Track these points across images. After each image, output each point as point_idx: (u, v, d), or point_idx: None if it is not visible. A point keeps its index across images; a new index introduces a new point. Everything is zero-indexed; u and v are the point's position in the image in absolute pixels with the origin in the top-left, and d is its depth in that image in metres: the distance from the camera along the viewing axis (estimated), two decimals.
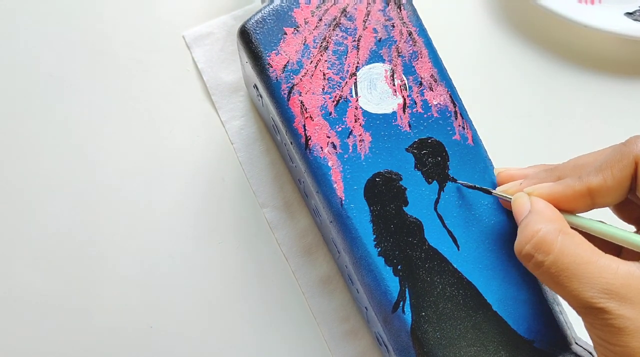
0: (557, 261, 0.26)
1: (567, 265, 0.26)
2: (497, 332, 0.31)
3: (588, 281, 0.25)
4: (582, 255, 0.26)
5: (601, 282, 0.25)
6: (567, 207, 0.29)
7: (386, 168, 0.33)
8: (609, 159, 0.27)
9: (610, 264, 0.25)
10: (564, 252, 0.26)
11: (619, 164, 0.27)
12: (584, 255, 0.26)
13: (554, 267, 0.26)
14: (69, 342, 0.40)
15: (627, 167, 0.27)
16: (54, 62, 0.42)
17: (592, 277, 0.25)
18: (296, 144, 0.33)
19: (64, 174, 0.41)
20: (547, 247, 0.26)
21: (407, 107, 0.34)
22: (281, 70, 0.33)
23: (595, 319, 0.25)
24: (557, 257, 0.26)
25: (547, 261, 0.26)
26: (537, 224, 0.27)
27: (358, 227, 0.32)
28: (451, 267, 0.32)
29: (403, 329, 0.31)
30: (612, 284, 0.25)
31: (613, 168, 0.27)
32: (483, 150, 0.34)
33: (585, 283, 0.25)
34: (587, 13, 0.42)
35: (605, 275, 0.25)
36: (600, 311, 0.25)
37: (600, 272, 0.25)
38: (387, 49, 0.34)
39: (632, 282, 0.25)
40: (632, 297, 0.24)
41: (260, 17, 0.34)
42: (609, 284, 0.25)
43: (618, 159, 0.27)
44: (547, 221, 0.27)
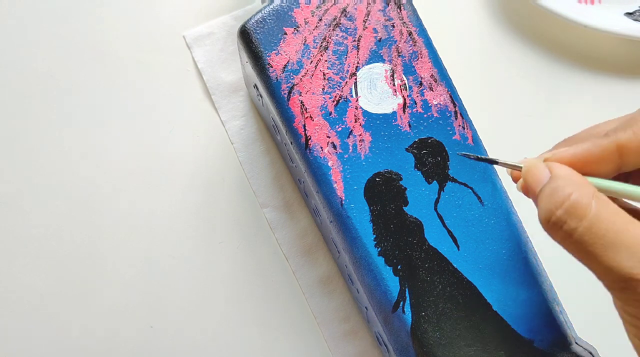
0: (592, 226, 0.23)
1: (604, 232, 0.23)
2: (497, 332, 0.31)
3: (627, 249, 0.22)
4: (619, 222, 0.23)
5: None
6: (592, 169, 0.26)
7: (386, 168, 0.33)
8: (636, 115, 0.25)
9: None
10: (600, 217, 0.23)
11: None
12: (621, 222, 0.23)
13: (588, 234, 0.23)
14: (69, 342, 0.40)
15: None
16: (54, 62, 0.42)
17: (631, 245, 0.22)
18: (296, 144, 0.33)
19: (64, 174, 0.41)
20: (581, 211, 0.23)
21: (407, 107, 0.34)
22: (281, 70, 0.33)
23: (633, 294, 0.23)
24: (593, 222, 0.23)
25: (581, 227, 0.23)
26: (567, 187, 0.24)
27: (358, 227, 0.32)
28: (451, 267, 0.32)
29: (403, 329, 0.31)
30: None
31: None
32: (483, 151, 0.34)
33: (623, 252, 0.22)
34: (587, 13, 0.42)
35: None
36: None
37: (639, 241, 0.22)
38: (387, 49, 0.34)
39: None
40: None
41: (260, 17, 0.34)
42: None
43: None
44: (577, 185, 0.24)
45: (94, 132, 0.42)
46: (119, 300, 0.40)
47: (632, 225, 0.23)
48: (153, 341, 0.40)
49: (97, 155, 0.42)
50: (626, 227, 0.23)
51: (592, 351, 0.32)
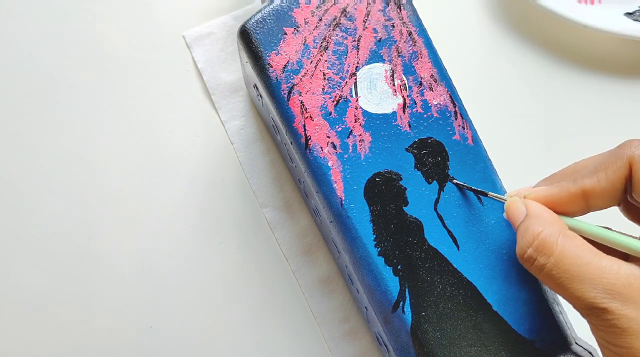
0: (558, 262, 0.26)
1: (569, 266, 0.26)
2: (497, 332, 0.31)
3: (590, 281, 0.25)
4: (583, 256, 0.26)
5: (603, 282, 0.25)
6: (562, 210, 0.29)
7: (386, 168, 0.33)
8: (603, 161, 0.28)
9: (611, 264, 0.25)
10: (564, 253, 0.26)
11: (612, 166, 0.27)
12: (585, 256, 0.26)
13: (556, 269, 0.26)
14: (69, 342, 0.40)
15: (620, 168, 0.27)
16: (53, 62, 0.42)
17: (593, 277, 0.25)
18: (296, 144, 0.33)
19: (64, 174, 0.41)
20: (548, 249, 0.26)
21: (407, 107, 0.34)
22: (281, 70, 0.33)
23: (599, 320, 0.25)
24: (558, 258, 0.26)
25: (549, 263, 0.26)
26: (537, 226, 0.27)
27: (358, 227, 0.32)
28: (451, 267, 0.32)
29: (403, 329, 0.31)
30: (614, 284, 0.25)
31: (607, 170, 0.27)
32: (483, 150, 0.34)
33: (587, 284, 0.25)
34: (587, 13, 0.42)
35: (607, 275, 0.25)
36: (603, 311, 0.25)
37: (602, 273, 0.25)
38: (387, 49, 0.34)
39: (634, 282, 0.25)
40: (635, 297, 0.24)
41: (260, 17, 0.34)
42: (610, 284, 0.25)
43: (612, 161, 0.27)
44: (546, 223, 0.27)
45: (94, 131, 0.42)
46: (118, 300, 0.40)
47: (595, 257, 0.25)
48: (153, 341, 0.40)
49: (97, 155, 0.42)
50: (590, 261, 0.25)
51: (592, 351, 0.32)
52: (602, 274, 0.25)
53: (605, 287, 0.25)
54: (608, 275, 0.25)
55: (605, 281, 0.25)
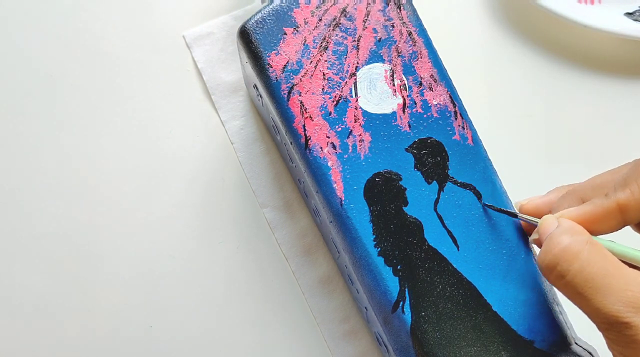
0: (582, 270, 0.25)
1: (593, 275, 0.25)
2: (497, 332, 0.31)
3: (614, 293, 0.24)
4: (609, 267, 0.25)
5: (628, 295, 0.24)
6: (599, 228, 0.28)
7: (386, 168, 0.33)
8: (632, 172, 0.27)
9: (637, 277, 0.24)
10: (590, 261, 0.25)
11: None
12: (610, 267, 0.25)
13: (579, 277, 0.25)
14: (69, 342, 0.40)
15: None
16: (53, 62, 0.42)
17: (618, 289, 0.24)
18: (296, 144, 0.33)
19: (64, 174, 0.41)
20: (572, 255, 0.25)
21: (407, 107, 0.34)
22: (281, 70, 0.33)
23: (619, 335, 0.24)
24: (583, 266, 0.25)
25: (572, 270, 0.25)
26: (562, 235, 0.26)
27: (358, 227, 0.32)
28: (451, 267, 0.32)
29: (403, 329, 0.31)
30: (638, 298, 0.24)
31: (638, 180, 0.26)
32: (483, 150, 0.34)
33: (610, 295, 0.24)
34: (587, 13, 0.42)
35: (633, 288, 0.24)
36: (626, 325, 0.24)
37: (627, 285, 0.24)
38: (387, 49, 0.34)
39: None
40: None
41: (260, 17, 0.34)
42: (635, 297, 0.24)
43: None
44: (573, 232, 0.27)
45: (94, 131, 0.42)
46: (118, 300, 0.40)
47: (621, 270, 0.25)
48: (152, 340, 0.40)
49: (97, 155, 0.42)
50: (615, 272, 0.25)
51: (592, 351, 0.32)
52: (627, 286, 0.24)
53: (630, 299, 0.24)
54: (633, 287, 0.24)
55: (630, 294, 0.24)
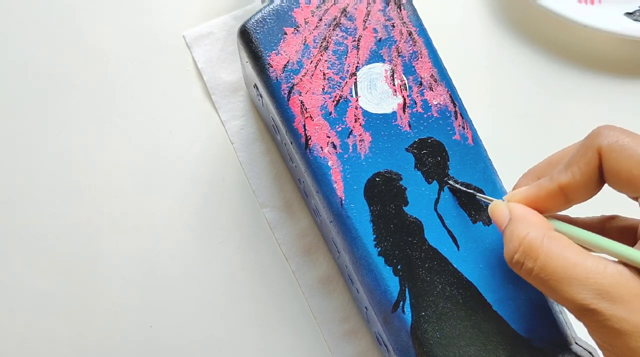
0: (545, 265, 0.25)
1: (555, 268, 0.25)
2: (496, 331, 0.31)
3: (578, 282, 0.25)
4: (569, 257, 0.25)
5: (590, 283, 0.24)
6: (545, 208, 0.28)
7: (386, 168, 0.33)
8: (575, 154, 0.27)
9: (597, 264, 0.25)
10: (550, 256, 0.26)
11: (584, 158, 0.27)
12: (571, 257, 0.25)
13: (543, 272, 0.26)
14: (69, 342, 0.40)
15: (592, 159, 0.27)
16: (53, 62, 0.42)
17: (580, 278, 0.25)
18: (296, 144, 0.33)
19: (64, 174, 0.41)
20: (534, 252, 0.26)
21: (407, 107, 0.34)
22: (281, 70, 0.33)
23: (592, 322, 0.25)
24: (545, 261, 0.26)
25: (536, 266, 0.26)
26: (522, 230, 0.27)
27: (358, 227, 0.32)
28: (451, 267, 0.32)
29: (403, 329, 0.31)
30: (601, 284, 0.24)
31: (579, 163, 0.27)
32: (483, 150, 0.34)
33: (575, 285, 0.25)
34: (587, 13, 0.42)
35: (594, 275, 0.25)
36: (594, 312, 0.24)
37: (588, 273, 0.25)
38: (387, 49, 0.34)
39: (621, 281, 0.24)
40: (623, 296, 0.24)
41: (260, 17, 0.34)
42: (598, 284, 0.24)
43: (583, 153, 0.27)
44: (531, 226, 0.27)
45: (94, 132, 0.42)
46: (118, 300, 0.40)
47: (581, 258, 0.25)
48: (152, 340, 0.40)
49: (97, 155, 0.42)
50: (576, 261, 0.25)
51: (592, 351, 0.32)
52: (589, 275, 0.25)
53: (593, 287, 0.24)
54: (595, 275, 0.25)
55: (592, 281, 0.24)
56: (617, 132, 0.26)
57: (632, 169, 0.25)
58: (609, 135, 0.26)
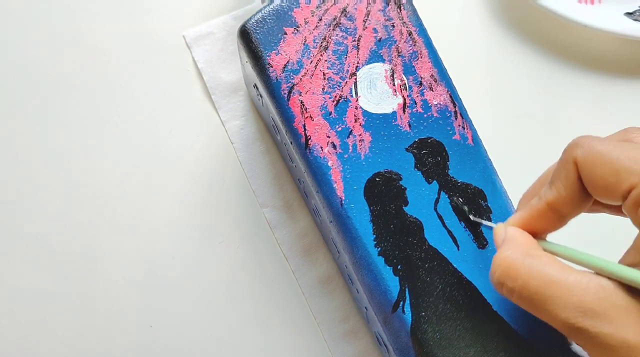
0: (526, 285, 0.25)
1: (537, 287, 0.24)
2: (497, 332, 0.31)
3: (560, 301, 0.24)
4: (551, 275, 0.24)
5: (573, 300, 0.23)
6: (541, 229, 0.28)
7: (386, 168, 0.33)
8: (556, 169, 0.27)
9: (580, 280, 0.24)
10: (531, 274, 0.25)
11: (564, 171, 0.26)
12: (553, 274, 0.24)
13: (525, 292, 0.25)
14: (69, 342, 0.40)
15: (571, 173, 0.26)
16: (53, 62, 0.42)
17: (563, 296, 0.24)
18: (296, 144, 0.33)
19: (64, 174, 0.41)
20: (514, 272, 0.25)
21: (407, 107, 0.34)
22: (281, 70, 0.33)
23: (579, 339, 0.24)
24: (525, 281, 0.25)
25: (517, 286, 0.25)
26: (504, 251, 0.26)
27: (358, 227, 0.32)
28: (451, 267, 0.32)
29: (403, 329, 0.31)
30: (584, 301, 0.23)
31: (561, 178, 0.26)
32: (483, 150, 0.34)
33: (558, 304, 0.24)
34: (587, 13, 0.42)
35: (577, 292, 0.24)
36: (579, 330, 0.23)
37: (571, 291, 0.24)
38: (387, 49, 0.34)
39: (604, 296, 0.23)
40: (607, 311, 0.23)
41: (260, 17, 0.34)
42: (580, 301, 0.23)
43: (563, 167, 0.26)
44: (514, 246, 0.27)
45: (94, 131, 0.42)
46: (118, 300, 0.40)
47: (563, 274, 0.24)
48: (152, 340, 0.40)
49: (97, 155, 0.42)
50: (558, 279, 0.24)
51: None
52: (572, 292, 0.24)
53: (576, 305, 0.23)
54: (577, 291, 0.24)
55: (575, 299, 0.23)
56: (591, 140, 0.26)
57: (607, 177, 0.25)
58: (583, 145, 0.26)
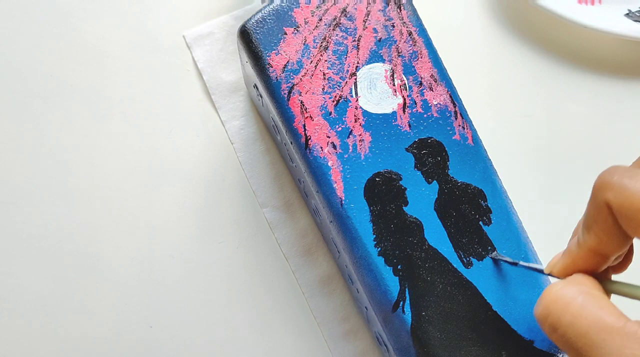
0: (574, 323, 0.22)
1: (586, 329, 0.22)
2: (497, 332, 0.31)
3: (611, 350, 0.21)
4: (605, 319, 0.22)
5: (625, 353, 0.21)
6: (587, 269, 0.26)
7: (386, 168, 0.33)
8: (589, 213, 0.25)
9: (637, 331, 0.21)
10: (582, 314, 0.23)
11: (599, 216, 0.24)
12: (608, 319, 0.22)
13: (571, 331, 0.22)
14: (69, 342, 0.40)
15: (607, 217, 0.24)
16: (54, 62, 0.42)
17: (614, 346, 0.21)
18: (296, 144, 0.33)
19: (64, 174, 0.41)
20: (562, 306, 0.23)
21: (407, 107, 0.34)
22: (281, 70, 0.33)
23: None
24: (575, 318, 0.22)
25: (563, 322, 0.23)
26: (559, 284, 0.24)
27: (358, 227, 0.32)
28: (451, 267, 0.32)
29: (403, 329, 0.31)
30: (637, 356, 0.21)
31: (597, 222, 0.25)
32: (483, 150, 0.34)
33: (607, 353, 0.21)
34: (587, 13, 0.42)
35: (631, 344, 0.21)
36: None
37: (625, 342, 0.21)
38: (387, 49, 0.34)
39: None
40: None
41: (260, 17, 0.34)
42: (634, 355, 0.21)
43: (596, 212, 0.24)
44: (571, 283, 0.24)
45: (94, 131, 0.42)
46: (118, 300, 0.40)
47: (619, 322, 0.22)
48: (152, 340, 0.40)
49: (97, 155, 0.42)
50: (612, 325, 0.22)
51: None
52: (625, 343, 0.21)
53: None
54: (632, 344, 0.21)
55: (628, 351, 0.21)
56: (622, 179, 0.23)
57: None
58: (613, 187, 0.23)
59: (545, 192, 0.43)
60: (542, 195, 0.43)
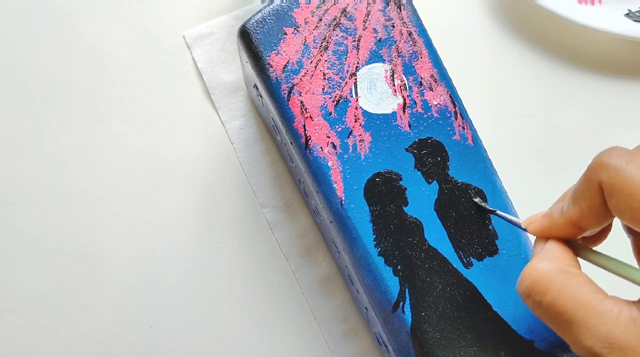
0: (554, 302, 0.24)
1: (565, 308, 0.23)
2: (497, 332, 0.31)
3: (588, 327, 0.23)
4: (583, 297, 0.23)
5: (601, 330, 0.22)
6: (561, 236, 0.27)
7: (386, 168, 0.33)
8: (579, 188, 0.26)
9: (612, 308, 0.23)
10: (562, 293, 0.24)
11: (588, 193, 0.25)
12: (585, 297, 0.23)
13: (552, 309, 0.24)
14: (69, 342, 0.40)
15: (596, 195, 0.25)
16: (54, 62, 0.42)
17: (592, 323, 0.23)
18: (296, 144, 0.33)
19: (64, 174, 0.41)
20: (543, 286, 0.24)
21: (407, 107, 0.34)
22: (281, 70, 0.33)
23: None
24: (555, 298, 0.24)
25: (544, 301, 0.24)
26: (538, 262, 0.25)
27: (358, 227, 0.32)
28: (451, 267, 0.32)
29: (403, 329, 0.31)
30: (612, 332, 0.22)
31: (585, 198, 0.25)
32: (483, 150, 0.34)
33: (584, 330, 0.23)
34: (587, 13, 0.42)
35: (607, 321, 0.22)
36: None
37: (601, 318, 0.23)
38: (387, 49, 0.34)
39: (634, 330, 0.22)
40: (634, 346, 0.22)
41: (260, 17, 0.34)
42: (609, 331, 0.22)
43: (586, 188, 0.25)
44: (549, 258, 0.25)
45: (94, 132, 0.42)
46: (118, 300, 0.40)
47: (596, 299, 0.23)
48: (152, 340, 0.40)
49: (97, 155, 0.42)
50: (589, 303, 0.23)
51: None
52: (601, 320, 0.23)
53: (604, 335, 0.22)
54: (607, 321, 0.23)
55: (603, 328, 0.22)
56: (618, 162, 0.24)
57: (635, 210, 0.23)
58: (609, 168, 0.24)
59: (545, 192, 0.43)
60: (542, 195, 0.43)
